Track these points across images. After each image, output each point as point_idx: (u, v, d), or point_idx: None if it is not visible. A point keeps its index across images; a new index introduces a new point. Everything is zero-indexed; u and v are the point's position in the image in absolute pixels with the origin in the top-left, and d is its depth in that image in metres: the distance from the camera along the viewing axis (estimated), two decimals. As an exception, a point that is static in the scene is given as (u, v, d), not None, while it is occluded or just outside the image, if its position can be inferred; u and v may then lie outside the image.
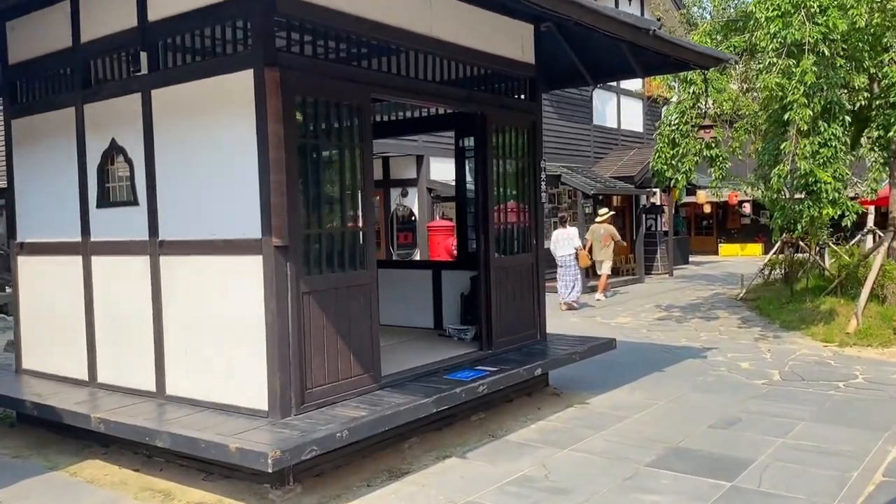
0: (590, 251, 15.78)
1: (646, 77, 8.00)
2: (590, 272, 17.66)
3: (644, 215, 22.42)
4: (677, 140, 11.26)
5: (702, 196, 25.40)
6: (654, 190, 21.83)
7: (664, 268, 21.74)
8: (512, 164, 7.28)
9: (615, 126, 21.90)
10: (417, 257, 15.17)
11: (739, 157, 12.17)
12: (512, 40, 7.07)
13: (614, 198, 21.16)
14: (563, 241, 14.59)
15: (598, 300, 15.92)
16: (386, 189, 15.63)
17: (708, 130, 7.40)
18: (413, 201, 15.22)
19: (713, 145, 10.94)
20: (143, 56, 5.39)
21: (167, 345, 5.52)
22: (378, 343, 5.62)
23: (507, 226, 7.18)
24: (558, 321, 13.13)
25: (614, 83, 21.51)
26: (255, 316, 4.93)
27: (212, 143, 5.15)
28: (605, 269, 16.05)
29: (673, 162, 11.38)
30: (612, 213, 17.08)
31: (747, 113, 12.63)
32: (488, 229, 6.80)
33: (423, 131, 10.09)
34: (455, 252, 14.55)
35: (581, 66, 7.91)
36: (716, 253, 30.40)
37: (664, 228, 22.28)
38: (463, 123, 7.39)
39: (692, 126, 10.05)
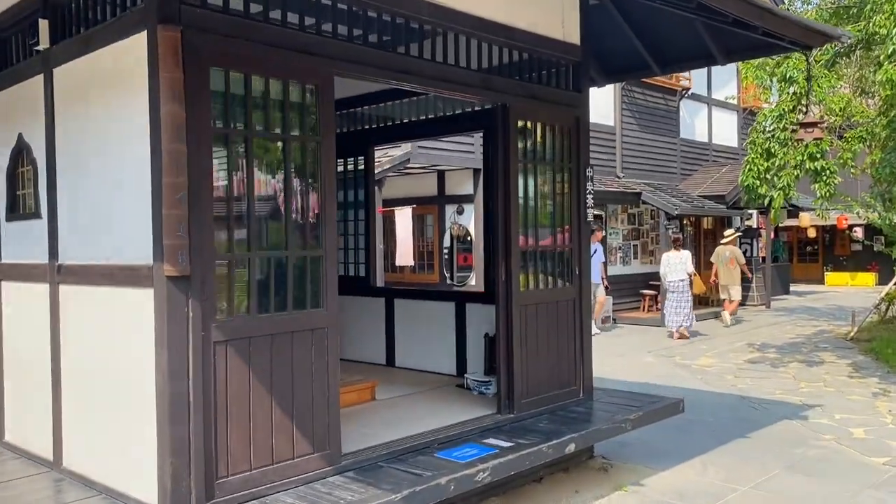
0: (715, 275, 15.41)
1: (727, 63, 6.20)
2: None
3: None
4: (773, 150, 9.34)
5: (805, 219, 22.81)
6: (751, 212, 19.56)
7: (760, 298, 19.38)
8: (547, 172, 5.69)
9: (705, 140, 19.78)
10: (473, 282, 13.63)
11: (852, 171, 10.07)
12: (549, 13, 5.51)
13: (703, 220, 19.03)
14: (676, 265, 13.66)
15: (727, 326, 15.28)
16: (440, 206, 14.20)
17: (811, 129, 5.62)
18: (469, 219, 13.72)
19: (818, 155, 8.97)
20: (43, 25, 4.14)
21: (64, 403, 4.21)
22: (337, 409, 4.13)
23: (539, 250, 5.57)
24: (631, 359, 11.36)
25: (704, 92, 19.45)
26: (145, 374, 3.54)
27: (108, 134, 3.83)
28: (734, 294, 15.38)
29: (767, 176, 9.46)
30: (738, 234, 16.27)
31: (861, 120, 10.54)
32: (510, 254, 5.22)
33: (445, 133, 8.60)
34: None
35: (643, 50, 6.25)
36: (821, 282, 27.47)
37: (761, 254, 19.94)
38: (490, 121, 5.85)
39: (792, 129, 8.16)
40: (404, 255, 12.01)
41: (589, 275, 6.01)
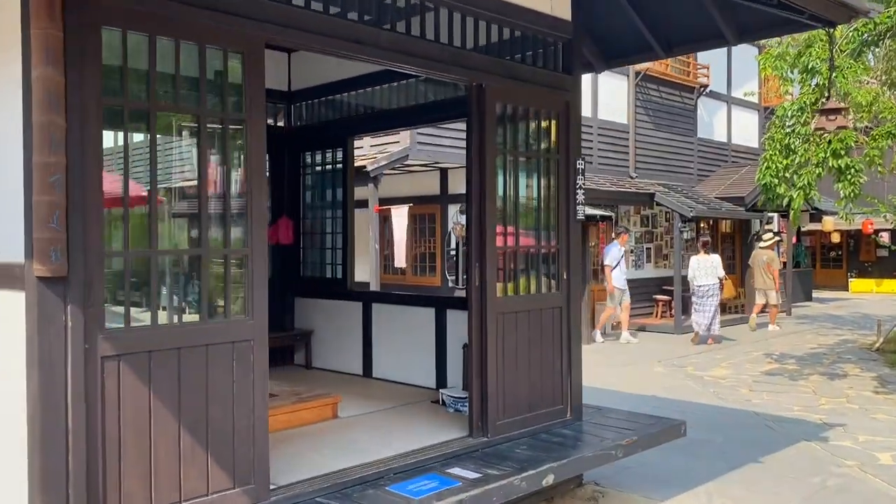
0: (752, 279, 15.44)
1: (739, 42, 5.51)
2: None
3: (757, 244, 19.31)
4: (793, 146, 8.60)
5: (829, 223, 21.93)
6: (771, 215, 18.74)
7: (781, 306, 18.51)
8: (531, 163, 5.04)
9: (724, 140, 18.98)
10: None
11: (879, 170, 9.30)
12: (534, -17, 4.87)
13: (722, 223, 18.25)
14: (706, 270, 13.34)
15: (772, 329, 15.23)
16: (443, 205, 13.58)
17: (833, 117, 4.92)
18: (472, 221, 13.08)
19: (842, 152, 8.22)
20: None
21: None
22: (265, 435, 3.50)
23: (521, 251, 4.92)
24: (639, 369, 10.61)
25: (723, 90, 18.66)
26: (14, 396, 2.93)
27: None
28: (772, 299, 15.20)
29: (787, 175, 8.72)
30: (777, 238, 16.33)
31: (890, 116, 9.76)
32: (485, 255, 4.57)
33: (428, 121, 7.90)
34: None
35: (645, 30, 5.58)
36: (845, 289, 26.49)
37: (782, 259, 19.08)
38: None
39: (814, 115, 7.41)
40: (399, 255, 11.39)
41: (581, 279, 5.35)
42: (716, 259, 13.65)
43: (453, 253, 13.48)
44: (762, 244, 15.37)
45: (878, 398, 8.89)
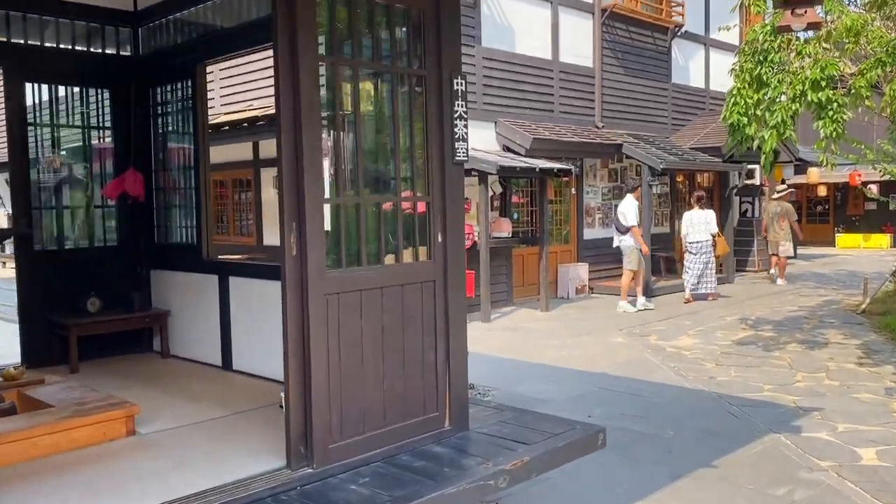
0: (764, 230, 15.27)
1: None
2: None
3: (739, 198, 18.01)
4: (766, 77, 7.20)
5: (814, 175, 20.64)
6: (752, 166, 17.40)
7: (762, 264, 17.31)
8: (381, 82, 3.65)
9: (702, 86, 17.52)
10: (420, 249, 11.67)
11: (867, 104, 7.92)
12: None
13: (698, 176, 16.90)
14: (698, 225, 12.73)
15: (780, 284, 14.83)
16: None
17: (802, 11, 3.57)
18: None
19: (822, 82, 6.82)
20: None
21: None
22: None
23: (367, 206, 3.55)
24: (596, 339, 9.13)
25: (700, 31, 17.14)
26: None
27: None
28: (783, 250, 14.98)
29: (758, 112, 7.33)
30: (790, 190, 16.11)
31: (879, 48, 8.35)
32: (303, 211, 3.19)
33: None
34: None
35: None
36: (832, 245, 25.31)
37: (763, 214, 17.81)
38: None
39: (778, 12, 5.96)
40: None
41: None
42: (710, 214, 12.93)
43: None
44: (775, 196, 15.26)
45: (861, 372, 7.66)
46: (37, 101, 5.59)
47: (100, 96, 5.83)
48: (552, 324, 11.08)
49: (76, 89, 5.79)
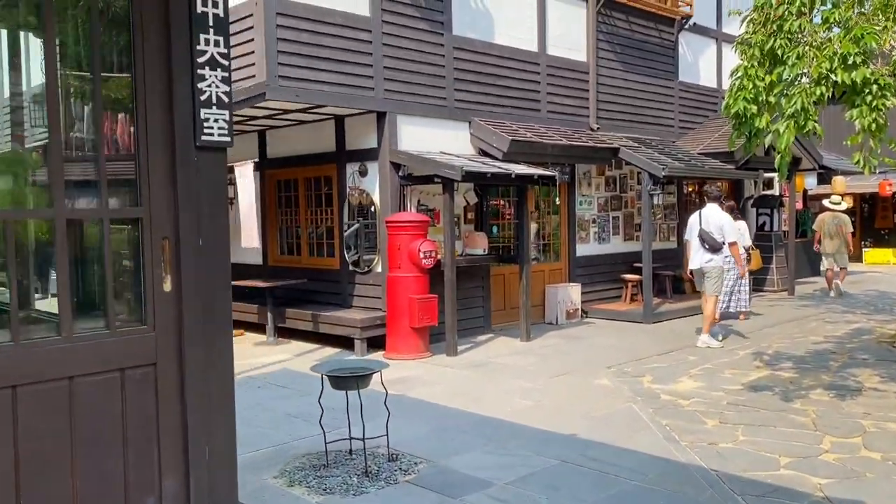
0: (817, 243, 14.58)
1: None
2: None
3: (756, 209, 16.21)
4: (781, 50, 5.47)
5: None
6: (770, 175, 15.61)
7: (782, 283, 15.49)
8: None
9: (713, 85, 15.76)
10: (379, 269, 9.99)
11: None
12: None
13: (710, 184, 15.08)
14: (730, 234, 10.32)
15: (840, 295, 14.20)
16: (340, 164, 10.51)
17: None
18: (374, 183, 10.05)
19: (857, 57, 5.08)
20: None
21: None
22: None
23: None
24: (577, 381, 6.91)
25: (711, 24, 15.40)
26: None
27: None
28: (837, 263, 14.41)
29: (770, 98, 5.59)
30: (846, 206, 15.48)
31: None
32: None
33: None
34: (423, 261, 9.26)
35: None
36: (859, 260, 23.31)
37: (784, 228, 16.00)
38: None
39: None
40: (248, 232, 8.35)
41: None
42: (742, 226, 11.29)
43: (347, 227, 10.42)
44: (832, 205, 14.75)
45: (910, 437, 5.87)
46: None
47: None
48: (529, 358, 9.34)
49: None
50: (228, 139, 2.18)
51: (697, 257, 9.94)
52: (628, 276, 13.01)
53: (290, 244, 11.67)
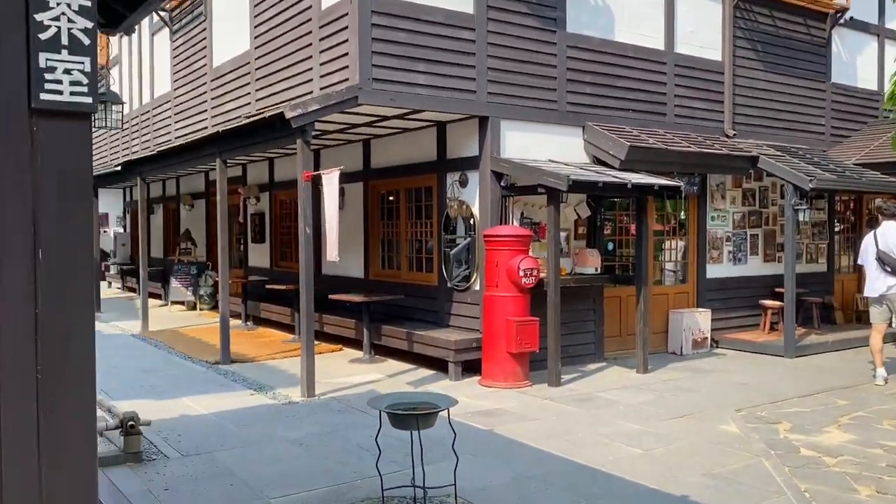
0: None
1: None
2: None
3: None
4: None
5: None
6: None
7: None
8: None
9: (872, 87, 13.86)
10: (477, 286, 9.19)
11: None
12: None
13: (867, 200, 13.23)
14: None
15: None
16: (441, 174, 9.82)
17: None
18: (474, 194, 9.28)
19: None
20: None
21: None
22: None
23: None
24: (698, 426, 5.77)
25: (872, 19, 13.56)
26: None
27: None
28: None
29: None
30: None
31: None
32: None
33: None
34: (523, 280, 8.36)
35: None
36: None
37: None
38: None
39: None
40: (332, 245, 7.77)
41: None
42: None
43: (448, 242, 9.69)
44: None
45: None
46: None
47: None
48: (643, 394, 8.20)
49: None
50: (89, 100, 1.46)
51: (878, 283, 8.55)
52: (768, 303, 11.49)
53: (390, 258, 11.09)
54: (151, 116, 16.13)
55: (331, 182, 7.60)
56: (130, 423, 5.75)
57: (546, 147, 9.41)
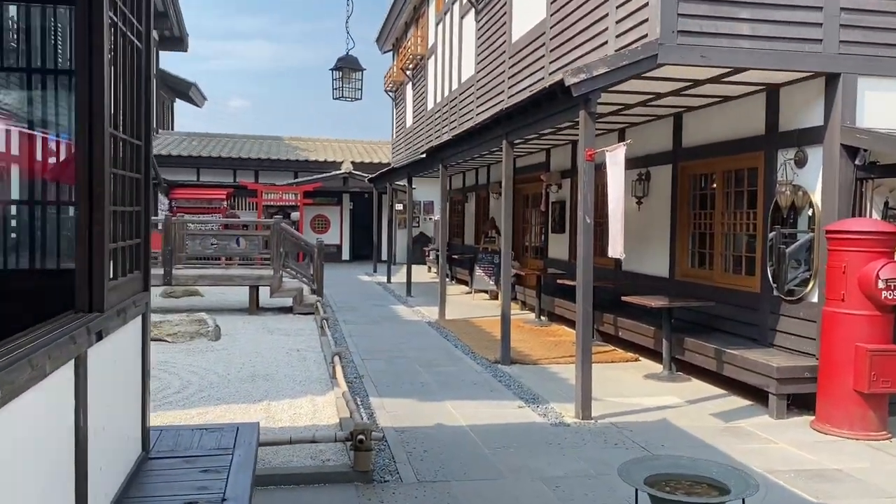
0: None
1: None
2: None
3: None
4: None
5: None
6: None
7: None
8: None
9: None
10: (814, 298, 7.04)
11: None
12: None
13: None
14: None
15: None
16: (769, 152, 7.75)
17: None
18: (814, 177, 7.10)
19: None
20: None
21: None
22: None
23: None
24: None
25: None
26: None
27: None
28: None
29: None
30: None
31: None
32: None
33: None
34: (884, 294, 6.10)
35: None
36: None
37: None
38: None
39: None
40: (614, 236, 6.31)
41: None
42: None
43: (773, 239, 7.62)
44: None
45: None
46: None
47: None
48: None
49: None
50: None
51: None
52: None
53: (701, 255, 9.23)
54: (458, 102, 15.93)
55: (615, 161, 6.16)
56: (360, 437, 4.99)
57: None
